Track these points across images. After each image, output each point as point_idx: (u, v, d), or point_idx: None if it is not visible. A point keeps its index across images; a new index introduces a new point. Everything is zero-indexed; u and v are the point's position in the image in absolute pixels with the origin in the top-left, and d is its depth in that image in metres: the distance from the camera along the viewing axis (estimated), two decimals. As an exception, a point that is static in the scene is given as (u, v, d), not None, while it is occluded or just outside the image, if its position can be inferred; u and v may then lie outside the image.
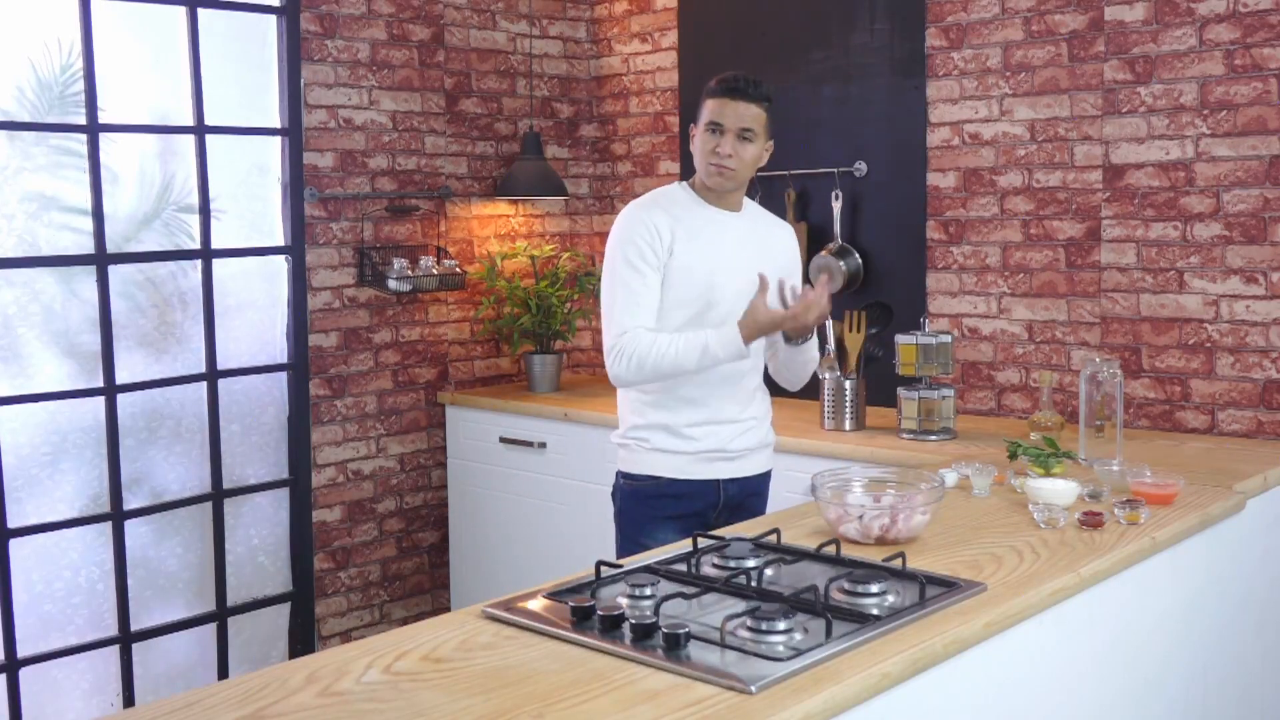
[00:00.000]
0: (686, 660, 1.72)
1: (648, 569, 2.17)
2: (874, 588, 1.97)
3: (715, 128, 2.79)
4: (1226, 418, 3.41)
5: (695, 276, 2.76)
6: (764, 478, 2.97)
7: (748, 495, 2.91)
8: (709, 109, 2.82)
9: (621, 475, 2.90)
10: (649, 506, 2.84)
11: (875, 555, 2.21)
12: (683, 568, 2.16)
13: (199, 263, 3.71)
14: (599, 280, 4.55)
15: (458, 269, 4.39)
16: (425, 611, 4.50)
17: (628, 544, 2.86)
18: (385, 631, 1.95)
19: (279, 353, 3.94)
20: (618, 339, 2.71)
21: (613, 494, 2.96)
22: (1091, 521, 2.40)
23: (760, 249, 2.86)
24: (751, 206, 2.96)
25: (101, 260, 3.47)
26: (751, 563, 2.14)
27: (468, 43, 4.53)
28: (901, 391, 3.56)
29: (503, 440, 4.31)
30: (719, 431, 2.82)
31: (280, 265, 3.92)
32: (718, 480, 2.85)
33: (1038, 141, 3.70)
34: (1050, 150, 3.68)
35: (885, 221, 4.05)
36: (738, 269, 2.79)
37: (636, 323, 2.71)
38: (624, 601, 1.94)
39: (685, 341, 2.68)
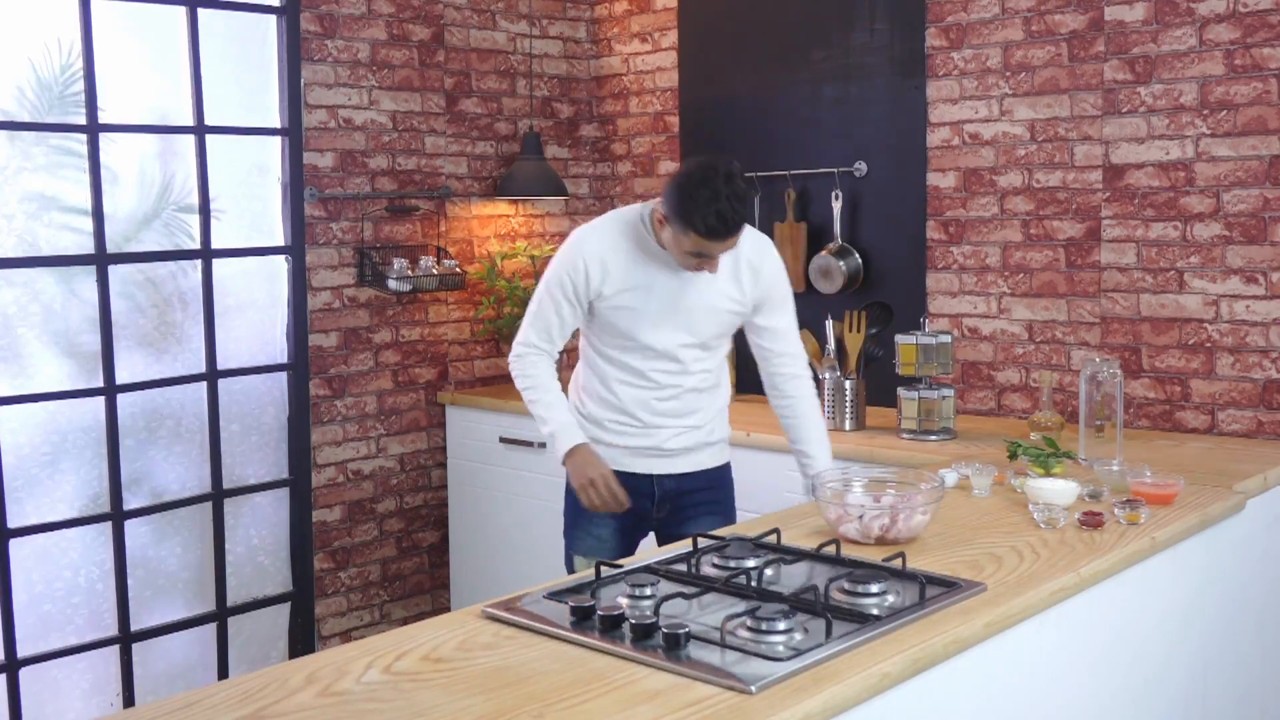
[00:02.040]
0: (686, 660, 1.72)
1: (648, 569, 2.17)
2: (874, 588, 1.97)
3: (703, 256, 2.65)
4: (1226, 418, 3.41)
5: (621, 322, 2.80)
6: (710, 473, 2.95)
7: (690, 490, 2.91)
8: (695, 243, 2.60)
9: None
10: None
11: (875, 555, 2.21)
12: (683, 568, 2.16)
13: (199, 263, 3.70)
14: None
15: (458, 269, 4.39)
16: (425, 611, 4.50)
17: (568, 529, 3.00)
18: (385, 631, 1.96)
19: (279, 353, 3.93)
20: (523, 350, 2.91)
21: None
22: (1091, 521, 2.40)
23: (708, 291, 2.79)
24: None
25: (101, 260, 3.47)
26: (751, 563, 2.14)
27: (468, 43, 4.53)
28: (901, 391, 3.56)
29: (503, 440, 4.31)
30: (651, 433, 2.87)
31: (280, 265, 3.92)
32: (651, 475, 2.89)
33: (1038, 141, 3.70)
34: (1050, 150, 3.68)
35: (885, 221, 4.05)
36: (672, 319, 2.79)
37: (543, 345, 2.89)
38: (624, 601, 1.94)
39: (544, 409, 2.86)
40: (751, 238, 2.82)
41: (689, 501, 2.92)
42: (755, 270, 2.83)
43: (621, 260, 2.76)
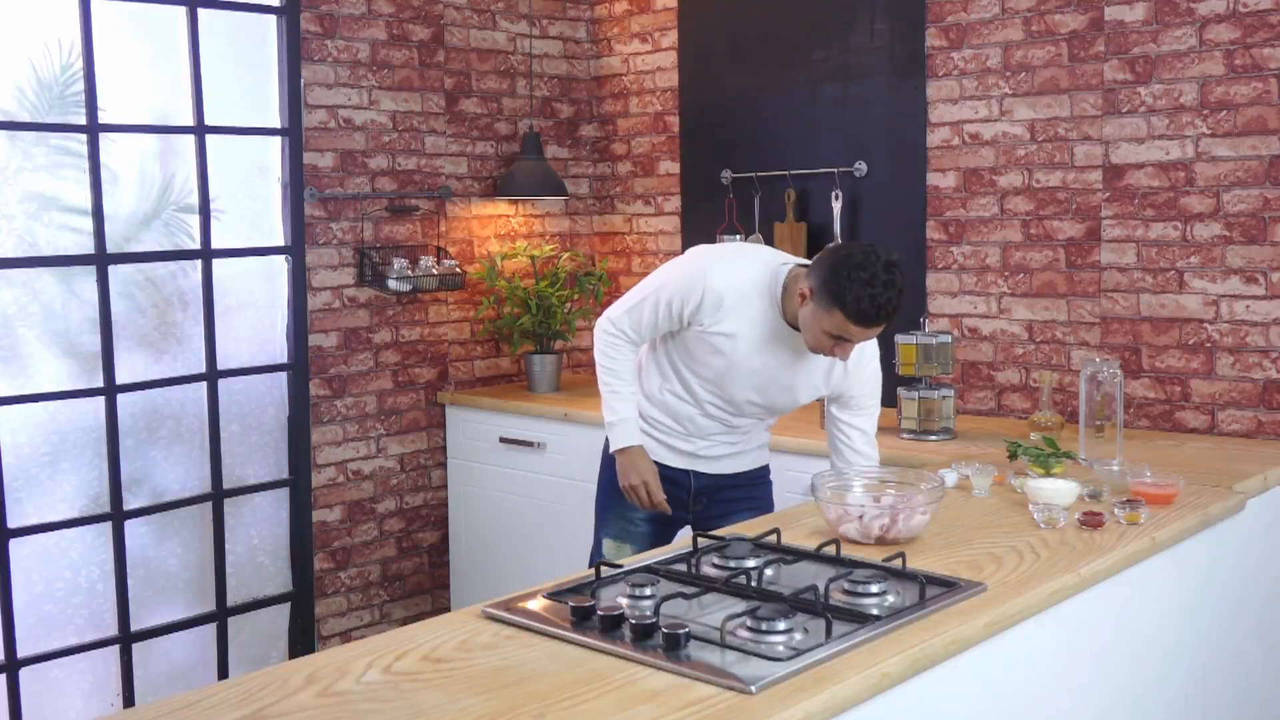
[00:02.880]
0: (686, 660, 1.72)
1: (648, 569, 2.17)
2: (874, 588, 1.97)
3: (843, 339, 2.60)
4: (1226, 418, 3.41)
5: (707, 356, 2.77)
6: (749, 473, 3.02)
7: (727, 487, 2.98)
8: (840, 324, 2.54)
9: (608, 441, 2.98)
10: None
11: (875, 555, 2.21)
12: (683, 568, 2.16)
13: (199, 263, 3.70)
14: (599, 279, 4.58)
15: (458, 269, 4.39)
16: (425, 611, 4.50)
17: (600, 511, 3.04)
18: (385, 631, 1.96)
19: (279, 353, 3.93)
20: (615, 331, 2.86)
21: (603, 454, 3.05)
22: (1091, 521, 2.40)
23: (809, 375, 2.80)
24: None
25: (101, 260, 3.47)
26: (751, 563, 2.14)
27: (468, 43, 4.53)
28: (901, 391, 3.56)
29: (503, 440, 4.31)
30: (691, 440, 2.94)
31: (280, 265, 3.92)
32: (689, 470, 2.95)
33: (1038, 141, 3.70)
34: (1050, 150, 3.68)
35: (885, 221, 4.05)
36: (763, 385, 2.79)
37: (636, 336, 2.86)
38: (624, 601, 1.94)
39: (615, 397, 2.86)
40: (864, 350, 2.82)
41: (726, 497, 2.97)
42: (848, 368, 2.83)
43: (743, 312, 2.70)
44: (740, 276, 2.70)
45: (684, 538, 2.93)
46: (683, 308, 2.72)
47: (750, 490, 3.01)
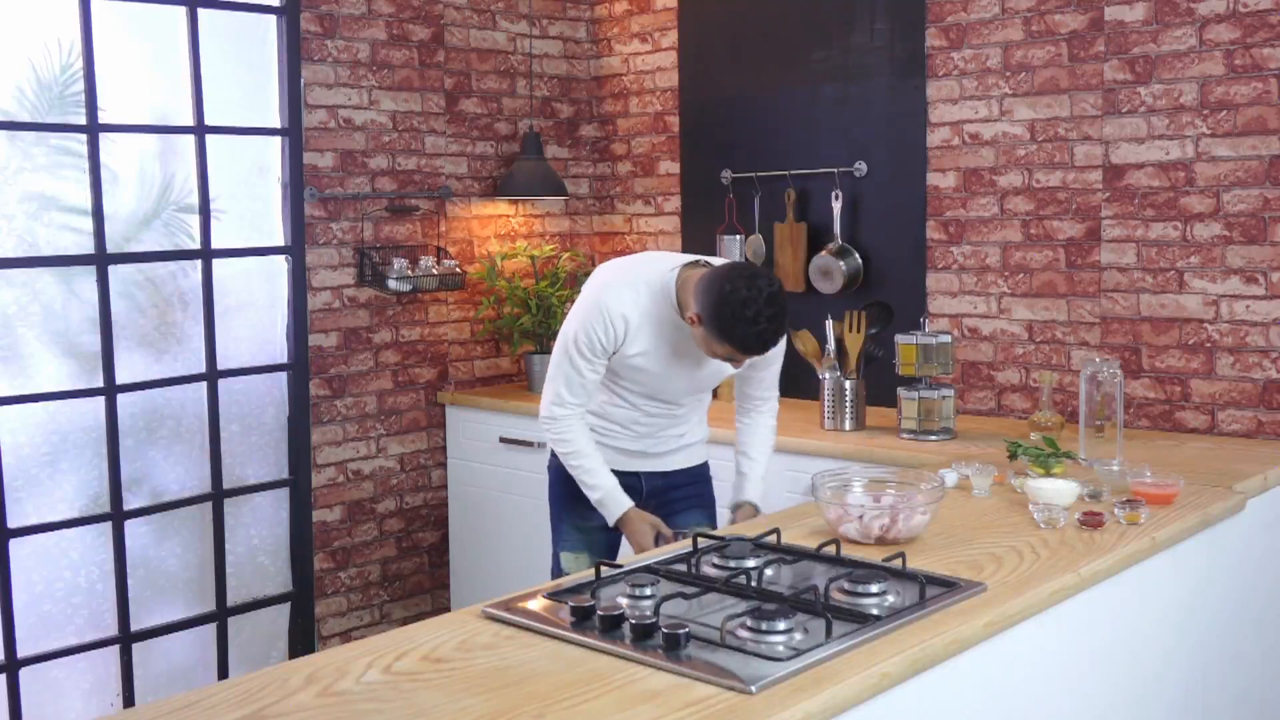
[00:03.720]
0: (686, 660, 1.72)
1: (648, 569, 2.17)
2: (874, 588, 1.97)
3: (731, 358, 2.69)
4: (1226, 418, 3.41)
5: (633, 376, 2.83)
6: (692, 470, 3.06)
7: (675, 486, 3.02)
8: (731, 352, 2.63)
9: (554, 452, 2.99)
10: (574, 484, 2.93)
11: (875, 555, 2.21)
12: (683, 568, 2.16)
13: (199, 263, 3.70)
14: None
15: (458, 269, 4.39)
16: (425, 611, 4.50)
17: (555, 526, 3.06)
18: (385, 631, 1.96)
19: (279, 353, 3.93)
20: (559, 412, 2.84)
21: (548, 468, 3.06)
22: (1091, 521, 2.40)
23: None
24: None
25: (101, 260, 3.47)
26: (751, 563, 2.14)
27: (468, 43, 4.53)
28: (901, 391, 3.56)
29: (503, 440, 4.31)
30: (640, 440, 2.97)
31: (280, 265, 3.92)
32: (639, 473, 2.98)
33: (1038, 141, 3.70)
34: (1050, 150, 3.68)
35: (885, 221, 4.05)
36: (689, 375, 2.85)
37: (578, 401, 2.83)
38: (624, 601, 1.94)
39: (589, 475, 2.85)
40: None
41: (674, 496, 3.02)
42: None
43: (648, 329, 2.75)
44: (638, 296, 2.75)
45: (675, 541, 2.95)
46: (602, 346, 2.75)
47: (696, 488, 3.06)
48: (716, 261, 2.77)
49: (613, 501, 2.85)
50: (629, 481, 2.94)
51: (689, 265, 2.74)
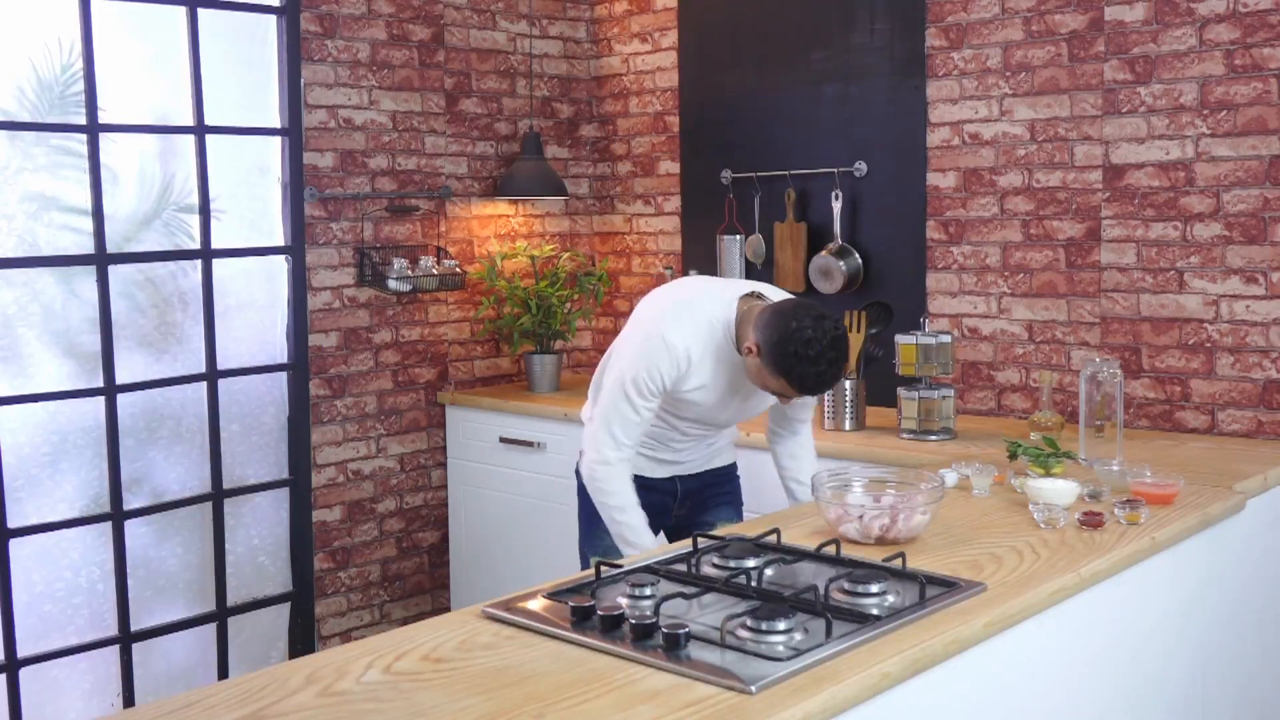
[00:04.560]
0: (686, 660, 1.72)
1: (648, 569, 2.17)
2: (874, 588, 1.97)
3: (784, 396, 2.68)
4: (1226, 418, 3.41)
5: (693, 408, 2.82)
6: (721, 470, 3.09)
7: (706, 485, 3.05)
8: (786, 389, 2.61)
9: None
10: None
11: (875, 555, 2.21)
12: (683, 568, 2.16)
13: (199, 263, 3.70)
14: (599, 279, 4.58)
15: (458, 269, 4.39)
16: (425, 611, 4.50)
17: (585, 532, 3.00)
18: (385, 631, 1.95)
19: (279, 353, 3.93)
20: (610, 456, 2.76)
21: (577, 472, 3.02)
22: (1091, 521, 2.40)
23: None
24: None
25: (101, 260, 3.47)
26: (751, 563, 2.14)
27: (468, 43, 4.53)
28: (901, 391, 3.56)
29: (503, 440, 4.31)
30: (676, 453, 2.99)
31: (280, 265, 3.92)
32: (674, 477, 3.01)
33: (1038, 141, 3.70)
34: (1050, 150, 3.68)
35: (885, 221, 4.05)
36: (741, 407, 2.87)
37: (630, 443, 2.77)
38: (624, 601, 1.94)
39: (631, 533, 2.75)
40: None
41: (705, 495, 3.05)
42: None
43: (708, 363, 2.72)
44: (694, 329, 2.71)
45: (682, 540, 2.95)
46: (663, 381, 2.71)
47: (727, 486, 3.10)
48: (772, 292, 2.78)
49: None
50: (664, 485, 2.97)
51: (747, 296, 2.72)
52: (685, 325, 2.71)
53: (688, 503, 3.02)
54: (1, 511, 3.31)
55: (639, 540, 2.74)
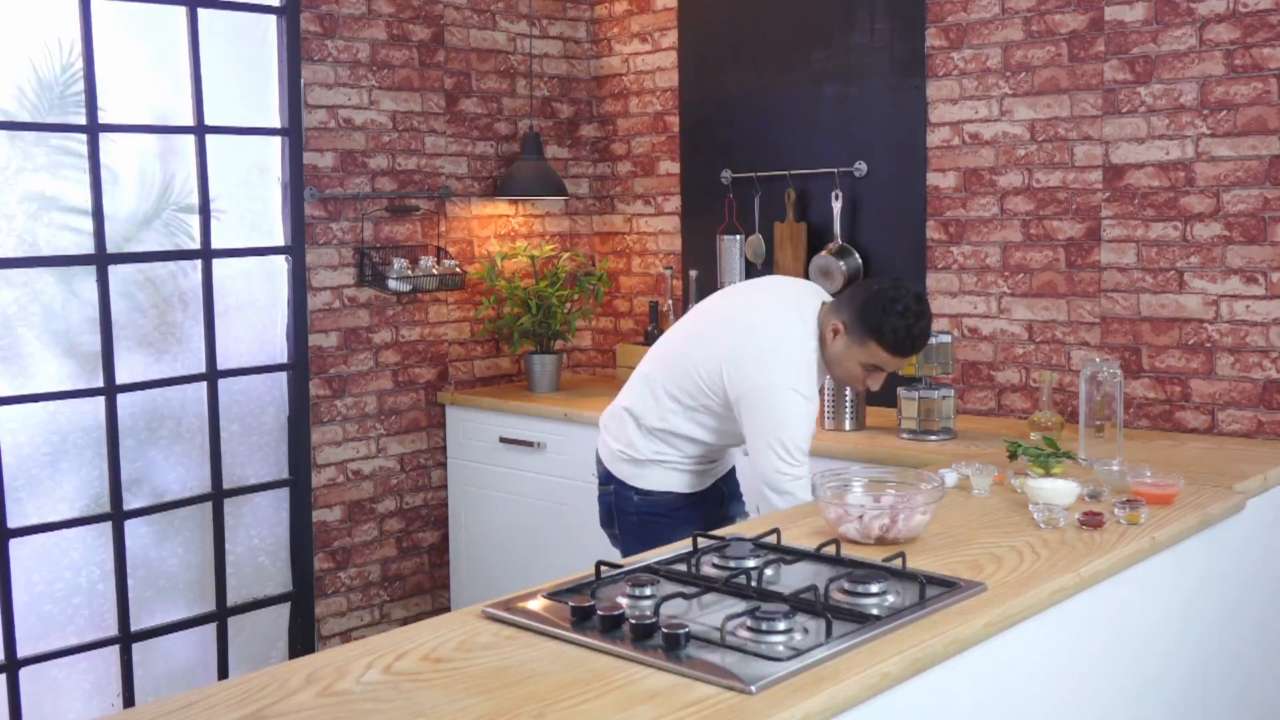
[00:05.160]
0: (686, 660, 1.72)
1: (648, 569, 2.17)
2: (874, 588, 1.97)
3: (876, 369, 2.76)
4: (1226, 418, 3.41)
5: None
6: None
7: (726, 480, 3.16)
8: (875, 354, 2.70)
9: (635, 491, 2.97)
10: (670, 516, 2.95)
11: (875, 555, 2.21)
12: (683, 568, 2.16)
13: (199, 263, 3.70)
14: (599, 279, 4.57)
15: (458, 269, 4.39)
16: (425, 611, 4.50)
17: (641, 546, 2.88)
18: (385, 631, 1.95)
19: (279, 353, 3.93)
20: (805, 469, 2.74)
21: (615, 507, 3.01)
22: (1091, 521, 2.40)
23: None
24: None
25: (101, 260, 3.47)
26: (751, 563, 2.14)
27: (468, 43, 4.53)
28: (901, 391, 3.56)
29: (503, 440, 4.31)
30: (718, 464, 3.10)
31: (280, 265, 3.92)
32: (715, 482, 3.08)
33: (1038, 141, 3.70)
34: (1050, 150, 3.68)
35: (885, 221, 4.05)
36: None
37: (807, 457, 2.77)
38: (624, 601, 1.94)
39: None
40: None
41: (726, 491, 3.15)
42: None
43: (816, 369, 2.82)
44: (810, 332, 2.77)
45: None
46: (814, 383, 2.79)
47: (733, 476, 3.21)
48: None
49: None
50: (712, 494, 3.05)
51: (825, 300, 2.85)
52: (810, 333, 2.77)
53: (724, 505, 3.12)
54: (1, 511, 3.31)
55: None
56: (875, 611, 1.90)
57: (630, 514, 3.00)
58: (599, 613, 1.86)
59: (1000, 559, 2.22)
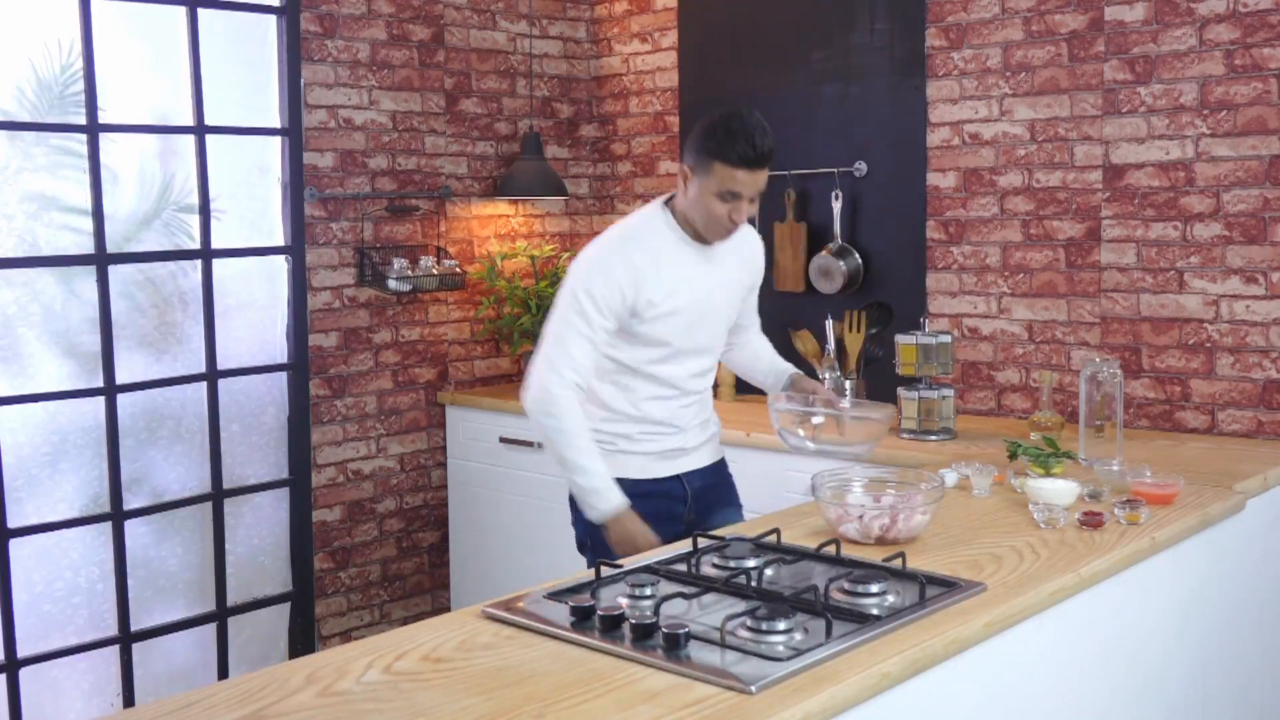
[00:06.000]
0: (686, 660, 1.72)
1: (648, 569, 2.17)
2: (874, 588, 1.97)
3: (731, 196, 2.64)
4: (1226, 418, 3.41)
5: (664, 326, 2.72)
6: (718, 466, 2.99)
7: (710, 486, 2.94)
8: (724, 177, 2.61)
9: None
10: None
11: (875, 555, 2.21)
12: (683, 568, 2.16)
13: (199, 263, 3.70)
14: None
15: (458, 269, 4.39)
16: (425, 611, 4.50)
17: (593, 548, 2.78)
18: (385, 631, 1.95)
19: (279, 353, 3.93)
20: (554, 389, 2.68)
21: (571, 500, 2.85)
22: (1091, 521, 2.40)
23: (731, 273, 2.86)
24: None
25: (101, 260, 3.47)
26: (751, 563, 2.14)
27: (468, 43, 4.53)
28: (901, 391, 3.56)
29: (503, 440, 4.31)
30: (679, 434, 2.86)
31: (280, 265, 3.92)
32: (680, 475, 2.88)
33: (1038, 141, 3.70)
34: (1050, 150, 3.68)
35: (885, 221, 4.05)
36: (709, 305, 2.81)
37: (578, 375, 2.68)
38: (624, 601, 1.94)
39: (579, 456, 2.66)
40: (749, 232, 2.94)
41: (710, 497, 2.94)
42: (750, 253, 2.95)
43: (657, 257, 2.69)
44: (634, 236, 2.73)
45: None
46: (602, 304, 2.65)
47: (726, 485, 3.01)
48: None
49: (608, 494, 2.65)
50: (670, 488, 2.85)
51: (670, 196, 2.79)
52: (618, 245, 2.71)
53: (697, 505, 2.90)
54: (1, 511, 3.31)
55: (593, 465, 2.65)
56: (875, 611, 1.90)
57: (578, 511, 2.82)
58: (599, 613, 1.86)
59: (1000, 559, 2.22)
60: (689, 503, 2.89)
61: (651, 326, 2.71)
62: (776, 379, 3.03)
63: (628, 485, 2.74)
